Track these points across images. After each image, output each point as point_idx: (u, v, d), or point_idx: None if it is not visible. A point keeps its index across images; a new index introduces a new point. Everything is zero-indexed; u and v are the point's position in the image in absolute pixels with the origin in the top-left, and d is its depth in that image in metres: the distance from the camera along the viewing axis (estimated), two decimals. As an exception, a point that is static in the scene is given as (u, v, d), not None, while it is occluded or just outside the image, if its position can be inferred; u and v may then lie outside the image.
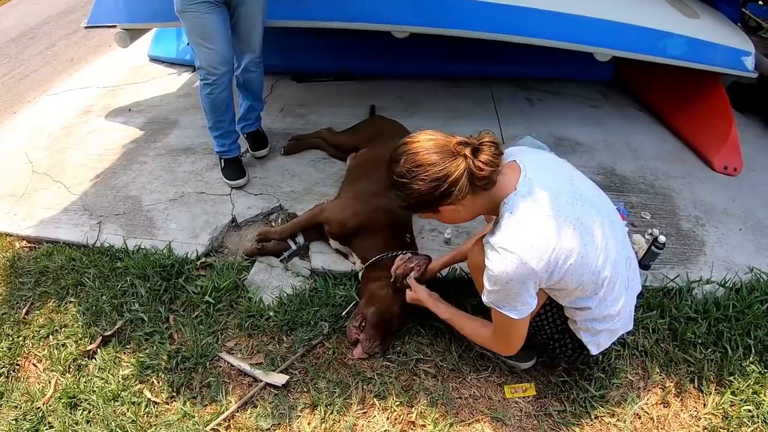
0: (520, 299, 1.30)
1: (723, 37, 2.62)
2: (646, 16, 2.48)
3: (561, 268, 1.27)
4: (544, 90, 3.29)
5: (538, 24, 2.39)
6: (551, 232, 1.25)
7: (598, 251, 1.31)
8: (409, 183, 1.26)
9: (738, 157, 2.61)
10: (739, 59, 2.63)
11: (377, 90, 3.21)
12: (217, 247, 2.17)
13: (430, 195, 1.26)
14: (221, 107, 2.31)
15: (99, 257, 2.10)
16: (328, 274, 2.00)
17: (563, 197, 1.30)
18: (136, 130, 2.92)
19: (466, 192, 1.26)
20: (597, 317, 1.40)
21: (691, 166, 2.65)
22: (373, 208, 1.92)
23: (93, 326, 1.86)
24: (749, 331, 1.78)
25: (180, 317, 1.88)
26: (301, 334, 1.80)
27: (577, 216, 1.29)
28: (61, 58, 4.23)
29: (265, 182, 2.48)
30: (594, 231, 1.32)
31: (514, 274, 1.25)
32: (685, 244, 2.16)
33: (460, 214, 1.33)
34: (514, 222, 1.26)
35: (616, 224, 1.42)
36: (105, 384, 1.68)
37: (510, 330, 1.41)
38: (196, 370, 1.72)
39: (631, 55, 2.51)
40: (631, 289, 1.47)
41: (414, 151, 1.26)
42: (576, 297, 1.36)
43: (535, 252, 1.24)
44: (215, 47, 2.14)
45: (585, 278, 1.31)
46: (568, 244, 1.26)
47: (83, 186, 2.49)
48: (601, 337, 1.47)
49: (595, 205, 1.37)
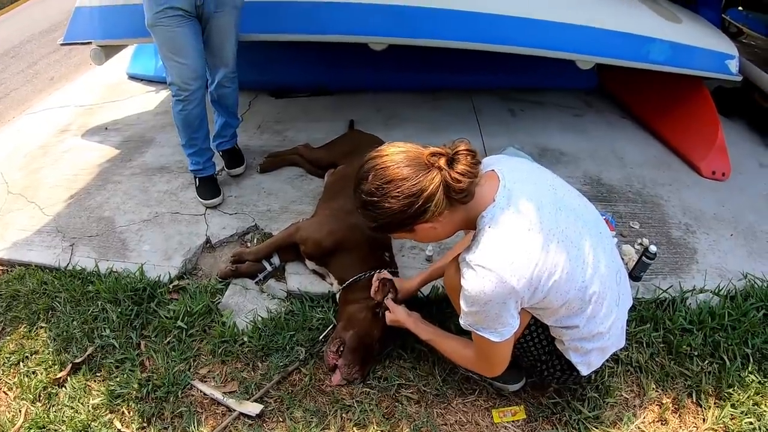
0: (501, 320, 1.18)
1: (706, 41, 2.55)
2: (627, 22, 2.40)
3: (544, 285, 1.15)
4: (525, 100, 3.20)
5: (517, 32, 2.30)
6: (533, 246, 1.14)
7: (585, 266, 1.20)
8: (379, 201, 1.13)
9: (726, 161, 2.53)
10: (723, 63, 2.57)
11: (356, 104, 3.12)
12: (191, 270, 2.04)
13: (403, 213, 1.13)
14: (194, 124, 2.20)
15: (71, 281, 1.99)
16: (304, 296, 1.88)
17: (546, 208, 1.19)
18: (112, 148, 2.81)
19: (443, 207, 1.14)
20: (586, 336, 1.28)
21: (678, 171, 2.57)
22: (349, 226, 1.80)
23: (63, 353, 1.76)
24: (746, 339, 1.70)
25: (152, 343, 1.77)
26: (276, 359, 1.68)
27: (561, 228, 1.18)
28: (42, 76, 4.14)
29: (240, 201, 2.36)
30: (580, 244, 1.20)
31: (493, 293, 1.13)
32: (676, 253, 2.07)
33: (437, 231, 1.21)
34: (492, 237, 1.15)
35: (604, 236, 1.31)
36: (75, 414, 1.57)
37: (492, 353, 1.29)
38: (167, 399, 1.60)
39: (614, 62, 2.43)
40: (622, 304, 1.35)
41: (383, 166, 1.13)
42: (562, 315, 1.24)
43: (516, 269, 1.12)
44: (187, 62, 2.04)
45: (571, 295, 1.19)
46: (552, 259, 1.15)
47: (57, 207, 2.39)
48: (591, 356, 1.35)
49: (581, 216, 1.25)
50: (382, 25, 2.31)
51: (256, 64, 3.13)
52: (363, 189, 1.15)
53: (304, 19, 2.35)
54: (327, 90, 3.25)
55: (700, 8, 3.03)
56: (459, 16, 2.27)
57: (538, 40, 2.31)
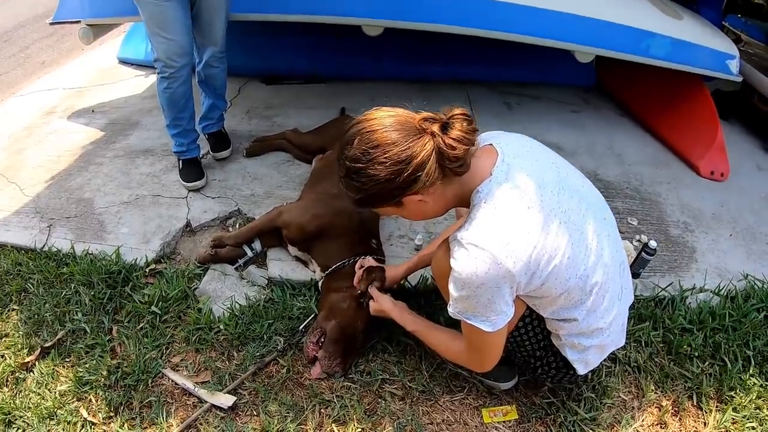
0: (494, 308, 1.06)
1: (708, 40, 2.47)
2: (629, 15, 2.31)
3: (543, 270, 1.04)
4: (522, 94, 3.11)
5: (516, 19, 2.20)
6: (532, 226, 1.02)
7: (588, 252, 1.08)
8: (364, 168, 1.00)
9: (725, 161, 2.45)
10: (723, 62, 2.49)
11: (348, 92, 3.01)
12: (169, 254, 1.92)
13: (390, 182, 1.00)
14: (179, 103, 2.08)
15: (45, 262, 1.88)
16: (285, 283, 1.75)
17: (548, 186, 1.07)
18: (97, 131, 2.69)
19: (435, 177, 1.01)
20: (584, 331, 1.17)
21: (676, 170, 2.49)
22: (335, 210, 1.68)
23: (34, 336, 1.65)
24: (747, 341, 1.62)
25: (124, 329, 1.65)
26: (252, 349, 1.56)
27: (563, 209, 1.06)
28: (33, 60, 4.02)
29: (224, 185, 2.24)
30: (583, 228, 1.08)
31: (486, 276, 1.00)
32: (675, 251, 1.97)
33: (428, 206, 1.08)
34: (487, 213, 1.03)
35: (609, 222, 1.19)
36: (41, 400, 1.47)
37: (483, 345, 1.16)
38: (137, 387, 1.49)
39: (613, 55, 2.33)
40: (624, 299, 1.23)
41: (370, 129, 1.01)
42: (560, 306, 1.13)
43: (513, 250, 1.00)
44: (174, 37, 1.93)
45: (571, 283, 1.07)
46: (553, 241, 1.03)
47: (37, 187, 2.27)
48: (589, 354, 1.23)
49: (585, 198, 1.14)
50: (377, 8, 2.20)
51: (247, 49, 3.05)
52: (347, 155, 1.03)
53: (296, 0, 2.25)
54: (319, 78, 3.15)
55: (701, 9, 2.95)
56: (456, 1, 2.17)
57: (536, 29, 2.21)
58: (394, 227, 2.00)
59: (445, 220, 2.00)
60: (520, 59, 3.01)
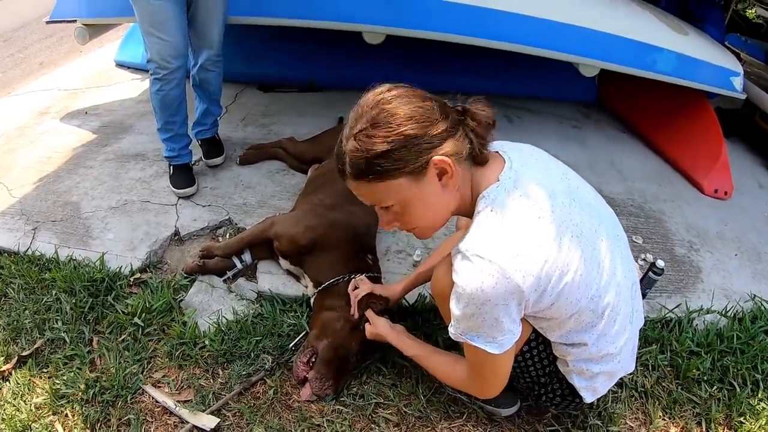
0: (501, 327, 0.94)
1: (713, 56, 2.40)
2: (635, 29, 2.24)
3: (554, 288, 0.93)
4: (522, 108, 3.02)
5: (520, 30, 2.12)
6: (544, 238, 0.91)
7: (600, 270, 0.98)
8: (396, 110, 0.91)
9: (728, 179, 2.37)
10: (728, 79, 2.42)
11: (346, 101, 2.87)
12: (155, 263, 1.80)
13: (424, 128, 0.91)
14: (172, 106, 1.98)
15: (28, 266, 1.77)
16: (276, 298, 1.64)
17: (559, 197, 0.97)
18: (90, 133, 2.59)
19: (463, 147, 0.94)
20: (594, 356, 1.06)
21: (679, 188, 2.41)
22: (329, 223, 1.58)
23: (12, 344, 1.54)
24: (756, 364, 1.54)
25: (105, 340, 1.54)
26: (239, 367, 1.44)
27: (575, 222, 0.96)
28: (31, 61, 3.94)
29: (215, 193, 2.13)
30: (596, 243, 0.98)
31: (493, 292, 0.89)
32: (681, 271, 1.88)
33: (432, 200, 0.96)
34: (494, 222, 0.92)
35: (622, 239, 1.09)
36: (16, 412, 1.36)
37: (489, 369, 1.04)
38: (115, 403, 1.38)
39: (618, 68, 2.25)
40: (636, 322, 1.13)
41: (402, 87, 0.96)
42: (569, 330, 1.02)
43: (523, 263, 0.89)
44: (168, 38, 1.84)
45: (582, 304, 0.97)
46: (565, 256, 0.92)
47: (25, 189, 2.17)
48: (597, 381, 1.12)
49: (597, 212, 1.04)
50: (379, 14, 2.11)
51: (245, 56, 2.97)
52: (381, 105, 0.93)
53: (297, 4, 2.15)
54: (316, 86, 3.06)
55: (705, 26, 2.89)
56: (459, 9, 2.09)
57: (541, 40, 2.13)
58: (392, 242, 1.89)
59: (444, 234, 1.90)
60: (521, 73, 2.94)
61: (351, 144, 0.94)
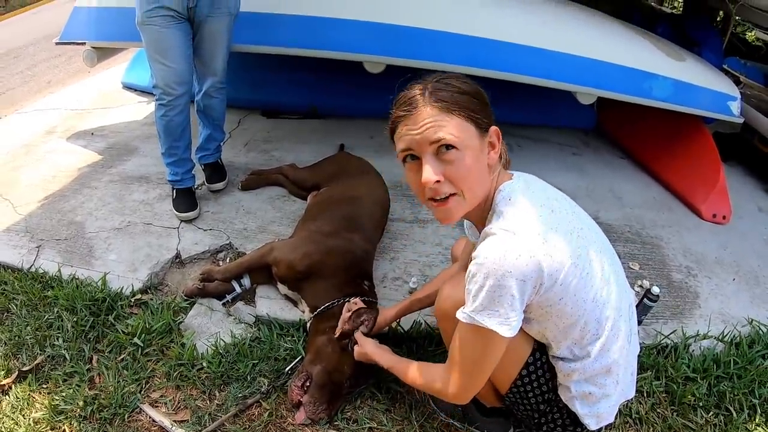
0: (514, 306, 0.95)
1: (709, 81, 2.45)
2: (631, 57, 2.30)
3: (566, 278, 0.96)
4: (523, 136, 3.08)
5: (519, 60, 2.18)
6: (560, 228, 0.99)
7: (602, 281, 1.03)
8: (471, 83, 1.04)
9: (726, 204, 2.40)
10: (725, 104, 2.47)
11: (348, 129, 2.98)
12: (156, 284, 1.85)
13: (484, 104, 1.03)
14: (176, 132, 2.05)
15: (31, 283, 1.82)
16: (273, 322, 1.68)
17: (563, 204, 1.07)
18: (95, 154, 2.66)
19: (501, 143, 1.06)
20: (597, 372, 1.07)
21: (677, 214, 2.44)
22: (326, 250, 1.63)
23: (12, 358, 1.59)
24: (753, 389, 1.56)
25: (104, 358, 1.58)
26: (235, 390, 1.47)
27: (579, 227, 1.04)
28: (39, 79, 4.05)
29: (217, 217, 2.19)
30: (597, 257, 1.04)
31: (516, 263, 0.91)
32: (677, 297, 1.91)
33: (481, 166, 1.01)
34: (517, 208, 1.00)
35: (616, 262, 1.14)
36: (15, 426, 1.40)
37: (480, 363, 1.03)
38: (112, 421, 1.41)
39: (616, 96, 2.30)
40: (633, 344, 1.16)
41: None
42: (574, 340, 1.05)
43: (544, 244, 0.94)
44: (173, 65, 1.92)
45: (587, 307, 1.00)
46: (576, 250, 0.98)
47: (30, 206, 2.23)
48: (601, 406, 1.12)
49: (595, 231, 1.10)
50: (380, 45, 2.19)
51: (249, 82, 3.04)
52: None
53: (300, 33, 2.23)
54: (318, 113, 3.12)
55: (702, 51, 2.95)
56: (460, 40, 2.16)
57: (539, 69, 2.19)
58: (389, 269, 1.93)
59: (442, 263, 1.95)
60: (520, 101, 2.98)
61: (437, 82, 1.02)
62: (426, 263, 1.96)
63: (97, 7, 2.57)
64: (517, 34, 2.17)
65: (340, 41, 2.22)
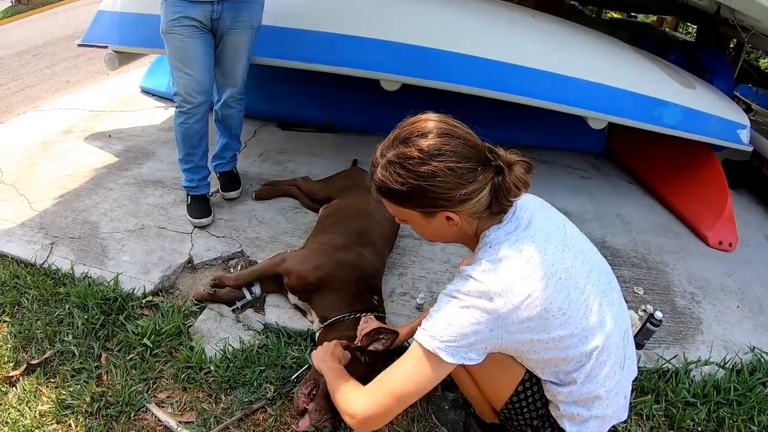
0: (466, 339, 1.01)
1: (719, 109, 2.48)
2: (643, 83, 2.34)
3: (534, 322, 1.03)
4: (533, 158, 3.03)
5: (532, 83, 2.22)
6: (532, 276, 1.03)
7: (588, 312, 1.06)
8: (428, 162, 0.99)
9: (733, 232, 2.42)
10: (734, 132, 2.50)
11: (362, 144, 3.03)
12: (168, 287, 1.90)
13: (445, 191, 1.00)
14: (194, 139, 2.12)
15: (43, 279, 1.89)
16: (282, 330, 1.72)
17: (553, 243, 1.08)
18: (111, 155, 2.74)
19: (481, 208, 1.04)
20: (583, 397, 1.11)
21: (684, 240, 2.46)
22: (336, 263, 1.67)
23: (22, 351, 1.64)
24: (752, 416, 1.57)
25: (113, 357, 1.63)
26: (241, 394, 1.52)
27: (566, 266, 1.06)
28: (58, 78, 4.15)
29: (230, 225, 2.24)
30: (585, 288, 1.07)
31: (476, 302, 1.01)
32: (680, 322, 1.93)
33: (450, 229, 1.08)
34: (492, 257, 1.05)
35: (614, 287, 1.17)
36: (20, 417, 1.44)
37: (409, 387, 1.06)
38: (118, 418, 1.46)
39: (626, 122, 2.34)
40: (627, 369, 1.18)
41: (450, 133, 1.02)
42: (558, 369, 1.09)
43: (507, 291, 1.01)
44: (194, 74, 1.99)
45: (569, 343, 1.05)
46: (550, 295, 1.03)
47: (45, 203, 2.30)
48: (588, 426, 1.16)
49: (590, 260, 1.13)
50: (396, 64, 2.24)
51: (267, 94, 3.10)
52: (416, 143, 1.01)
53: (319, 50, 2.29)
54: (332, 127, 3.18)
55: (713, 79, 2.99)
56: (475, 62, 2.20)
57: (551, 93, 2.23)
58: (397, 284, 1.97)
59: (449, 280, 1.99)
60: (531, 123, 3.01)
61: (380, 170, 1.06)
62: (433, 280, 2.00)
63: (121, 12, 2.64)
64: (531, 58, 2.22)
65: (358, 59, 2.27)
